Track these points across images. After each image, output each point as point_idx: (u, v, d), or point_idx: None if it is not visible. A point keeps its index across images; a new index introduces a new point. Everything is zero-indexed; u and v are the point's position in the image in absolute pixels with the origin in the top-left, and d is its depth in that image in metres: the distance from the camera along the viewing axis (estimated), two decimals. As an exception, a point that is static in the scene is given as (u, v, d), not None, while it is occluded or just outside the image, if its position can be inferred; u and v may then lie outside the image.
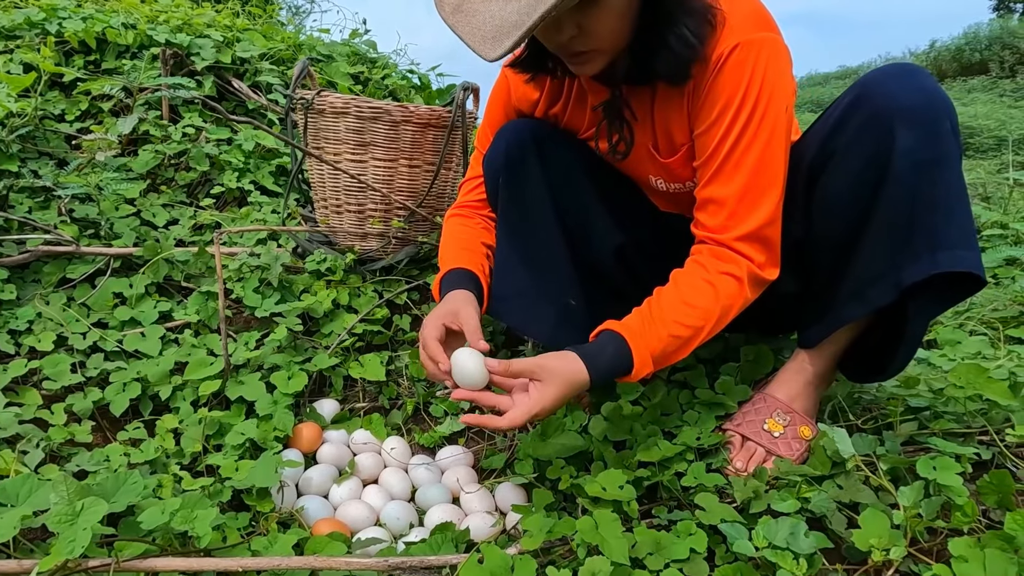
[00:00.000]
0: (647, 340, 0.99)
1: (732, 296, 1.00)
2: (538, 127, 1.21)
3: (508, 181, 1.19)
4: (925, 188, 0.94)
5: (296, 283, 1.58)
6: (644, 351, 0.99)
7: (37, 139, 1.84)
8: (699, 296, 1.00)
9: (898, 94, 0.95)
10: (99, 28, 2.12)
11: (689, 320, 1.00)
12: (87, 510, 0.80)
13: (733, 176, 0.99)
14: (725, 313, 1.01)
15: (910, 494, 0.88)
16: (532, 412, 0.95)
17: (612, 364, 0.99)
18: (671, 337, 1.00)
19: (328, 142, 1.58)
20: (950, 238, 0.94)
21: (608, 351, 0.99)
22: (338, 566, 0.90)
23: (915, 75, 0.96)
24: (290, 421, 1.27)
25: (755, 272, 1.00)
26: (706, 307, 1.00)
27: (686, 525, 0.92)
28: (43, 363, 1.30)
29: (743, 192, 0.99)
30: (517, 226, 1.21)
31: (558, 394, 0.96)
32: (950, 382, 1.05)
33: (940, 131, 0.93)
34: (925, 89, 0.94)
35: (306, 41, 2.54)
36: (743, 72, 0.96)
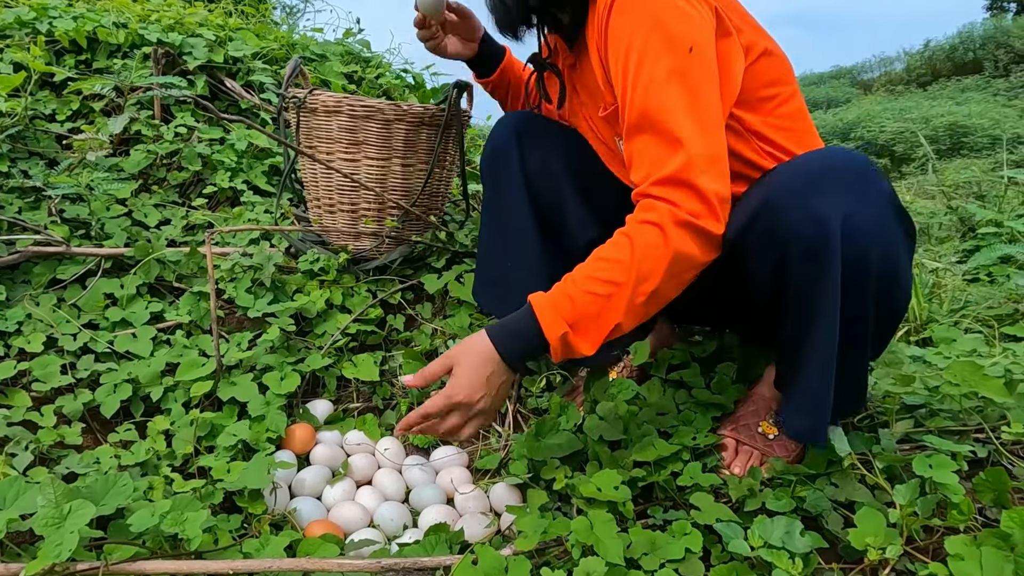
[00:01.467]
0: (555, 302, 0.92)
1: (652, 245, 0.89)
2: (521, 122, 1.27)
3: (491, 173, 1.29)
4: (804, 332, 0.93)
5: (289, 283, 1.57)
6: (551, 312, 0.91)
7: (27, 139, 1.83)
8: (612, 249, 0.92)
9: (792, 224, 0.88)
10: (90, 27, 2.10)
11: (602, 274, 0.90)
12: (75, 513, 0.79)
13: (639, 125, 0.93)
14: (651, 265, 0.89)
15: (906, 492, 0.88)
16: (446, 392, 0.93)
17: (517, 329, 0.93)
18: (585, 294, 0.90)
19: (321, 141, 1.56)
20: (796, 399, 0.96)
21: (515, 317, 0.94)
22: (331, 568, 0.89)
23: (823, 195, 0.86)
24: (283, 422, 1.26)
25: (682, 218, 0.88)
26: (619, 258, 0.90)
27: (681, 525, 0.92)
28: (32, 364, 1.29)
29: (650, 139, 0.92)
30: (496, 216, 1.30)
31: (468, 369, 0.93)
32: (946, 380, 1.04)
33: (821, 277, 0.87)
34: (819, 220, 0.85)
35: (299, 40, 2.52)
36: (627, 16, 0.93)
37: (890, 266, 0.88)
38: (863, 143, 8.10)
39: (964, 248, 2.90)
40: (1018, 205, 3.11)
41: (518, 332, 0.94)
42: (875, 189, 0.87)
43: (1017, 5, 17.68)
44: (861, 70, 17.61)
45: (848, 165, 0.88)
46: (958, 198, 3.93)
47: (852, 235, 0.85)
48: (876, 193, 0.87)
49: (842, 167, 0.88)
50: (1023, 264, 2.35)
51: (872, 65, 17.35)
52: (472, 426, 0.96)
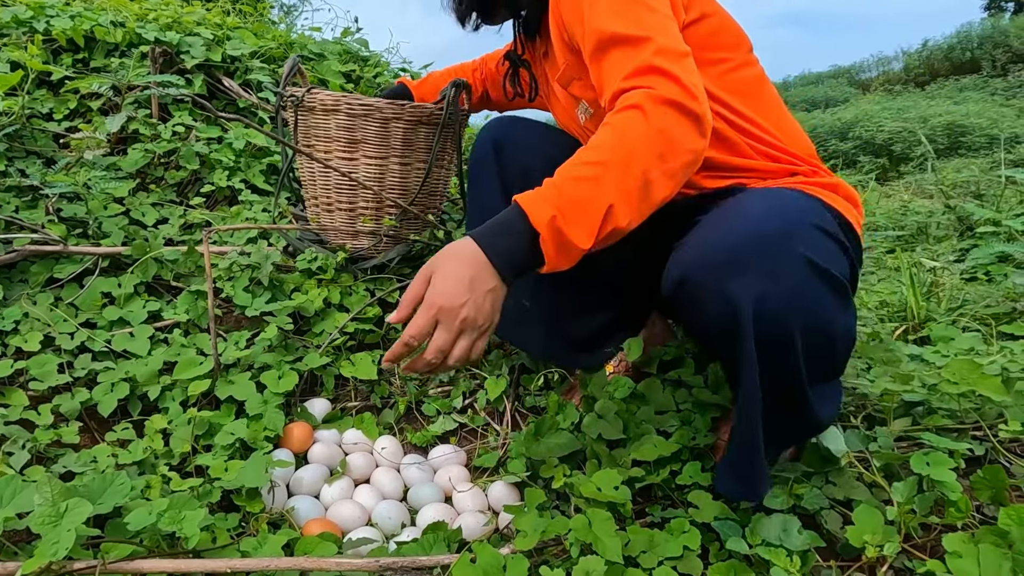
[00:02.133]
0: (540, 192, 0.84)
1: (632, 122, 0.83)
2: (500, 130, 1.29)
3: (471, 183, 1.31)
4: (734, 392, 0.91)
5: (287, 282, 1.57)
6: (536, 200, 0.83)
7: (24, 138, 1.82)
8: (593, 139, 0.86)
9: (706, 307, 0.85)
10: (87, 26, 2.09)
11: (586, 157, 0.84)
12: (71, 511, 0.78)
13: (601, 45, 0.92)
14: (635, 140, 0.82)
15: (904, 490, 0.88)
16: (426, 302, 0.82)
17: (501, 221, 0.84)
18: (569, 179, 0.83)
19: (319, 140, 1.56)
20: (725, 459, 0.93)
21: (501, 217, 0.85)
22: (328, 567, 0.89)
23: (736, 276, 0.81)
24: (280, 421, 1.26)
25: (661, 96, 0.83)
26: (603, 142, 0.84)
27: (679, 523, 0.92)
28: (29, 363, 1.29)
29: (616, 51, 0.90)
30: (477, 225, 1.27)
31: (447, 272, 0.82)
32: (944, 378, 1.04)
33: (739, 358, 0.84)
34: (725, 307, 0.82)
35: (297, 39, 2.52)
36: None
37: (819, 328, 0.85)
38: (861, 142, 8.11)
39: (962, 247, 2.90)
40: (1016, 204, 3.12)
41: (504, 226, 0.84)
42: (791, 259, 0.82)
43: (1015, 5, 17.71)
44: (859, 70, 17.62)
45: (762, 234, 0.83)
46: (956, 197, 3.93)
47: (768, 316, 0.81)
48: (792, 264, 0.82)
49: (755, 238, 0.82)
50: (1021, 263, 2.35)
51: (870, 65, 17.37)
52: (463, 343, 0.83)
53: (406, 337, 0.82)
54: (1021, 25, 13.59)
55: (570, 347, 1.30)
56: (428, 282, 0.83)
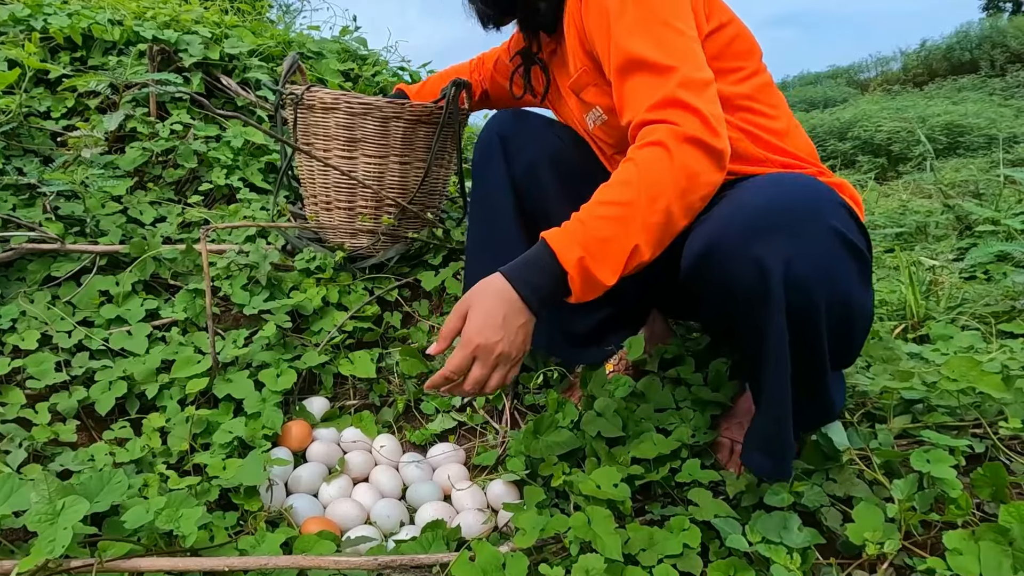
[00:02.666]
0: (568, 229, 0.88)
1: (657, 160, 0.87)
2: (506, 123, 1.29)
3: (476, 177, 1.31)
4: (754, 372, 0.92)
5: (285, 280, 1.56)
6: (564, 239, 0.87)
7: (22, 136, 1.82)
8: (617, 175, 0.90)
9: (735, 272, 0.85)
10: (85, 24, 2.09)
11: (611, 196, 0.88)
12: (68, 509, 0.78)
13: (626, 67, 0.93)
14: (659, 179, 0.86)
15: (904, 487, 0.88)
16: (463, 341, 0.88)
17: (530, 259, 0.90)
18: (596, 219, 0.87)
19: (318, 138, 1.56)
20: (753, 435, 0.95)
21: (531, 256, 0.90)
22: (327, 565, 0.89)
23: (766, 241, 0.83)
24: (279, 419, 1.26)
25: (684, 133, 0.87)
26: (626, 180, 0.87)
27: (679, 520, 0.91)
28: (27, 362, 1.28)
29: (640, 76, 0.92)
30: (482, 217, 1.31)
31: (481, 310, 0.88)
32: (944, 375, 1.04)
33: (767, 325, 0.85)
34: (756, 270, 0.83)
35: (296, 38, 2.52)
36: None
37: (841, 298, 0.86)
38: (860, 142, 8.12)
39: (961, 246, 2.91)
40: (1015, 203, 3.12)
41: (533, 265, 0.89)
42: (820, 227, 0.84)
43: (1013, 5, 17.74)
44: (858, 70, 17.64)
45: (791, 201, 0.85)
46: (955, 197, 3.94)
47: (795, 281, 0.82)
48: (820, 231, 0.84)
49: (785, 204, 0.85)
50: (1020, 261, 2.35)
51: (869, 65, 17.39)
52: (498, 375, 0.90)
53: (447, 372, 0.89)
54: (1019, 25, 13.61)
55: (570, 342, 1.30)
56: (464, 318, 0.89)
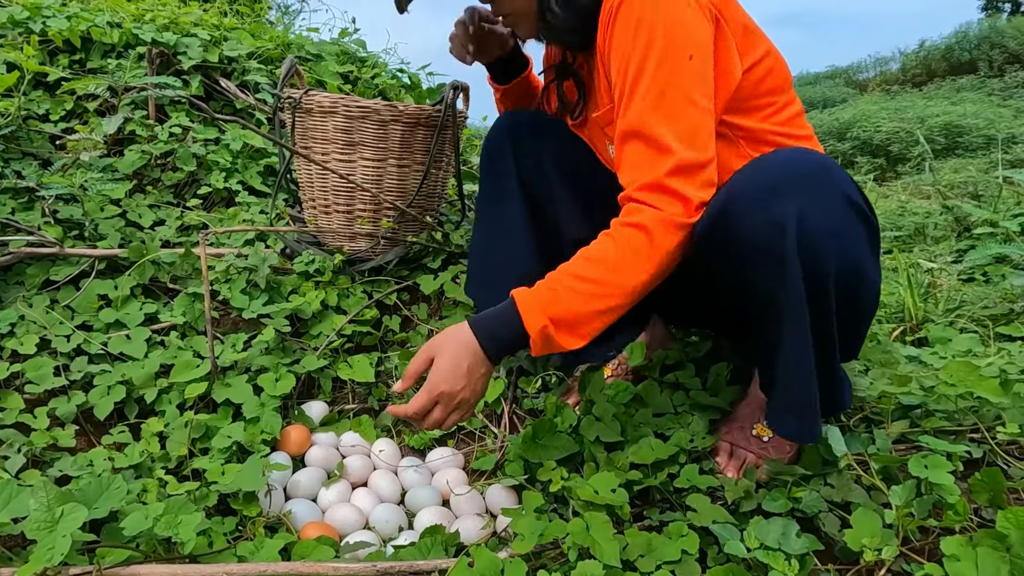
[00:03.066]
0: (539, 296, 0.94)
1: (637, 246, 0.92)
2: (517, 120, 1.29)
3: (485, 173, 1.31)
4: (771, 333, 0.93)
5: (284, 284, 1.56)
6: (533, 305, 0.93)
7: (21, 139, 1.82)
8: (597, 249, 0.95)
9: (746, 229, 0.88)
10: (84, 27, 2.09)
11: (586, 272, 0.93)
12: (67, 516, 0.78)
13: (634, 130, 0.95)
14: (635, 264, 0.92)
15: (902, 493, 0.88)
16: (427, 386, 0.95)
17: (498, 318, 0.95)
18: (567, 291, 0.93)
19: (316, 141, 1.56)
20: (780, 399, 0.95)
21: (497, 309, 0.96)
22: (325, 571, 0.89)
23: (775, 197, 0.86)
24: (278, 423, 1.25)
25: (668, 219, 0.92)
26: (604, 257, 0.93)
27: (678, 526, 0.91)
28: (25, 366, 1.28)
29: (640, 145, 0.95)
30: (490, 216, 1.32)
31: (448, 359, 0.94)
32: (941, 380, 1.04)
33: (782, 277, 0.86)
34: (773, 222, 0.85)
35: (295, 40, 2.52)
36: (630, 21, 0.95)
37: (851, 264, 0.88)
38: (859, 143, 8.12)
39: (959, 248, 2.91)
40: (1013, 205, 3.12)
41: (500, 323, 0.95)
42: (833, 190, 0.87)
43: (1012, 5, 17.75)
44: (857, 70, 17.66)
45: (806, 166, 0.88)
46: (954, 198, 3.94)
47: (808, 237, 0.84)
48: (833, 194, 0.87)
49: (799, 169, 0.88)
50: (1018, 263, 2.35)
51: (868, 65, 17.42)
52: (454, 416, 0.97)
53: (410, 411, 0.96)
54: (1018, 26, 13.63)
55: None
56: (428, 362, 0.96)
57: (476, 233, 1.35)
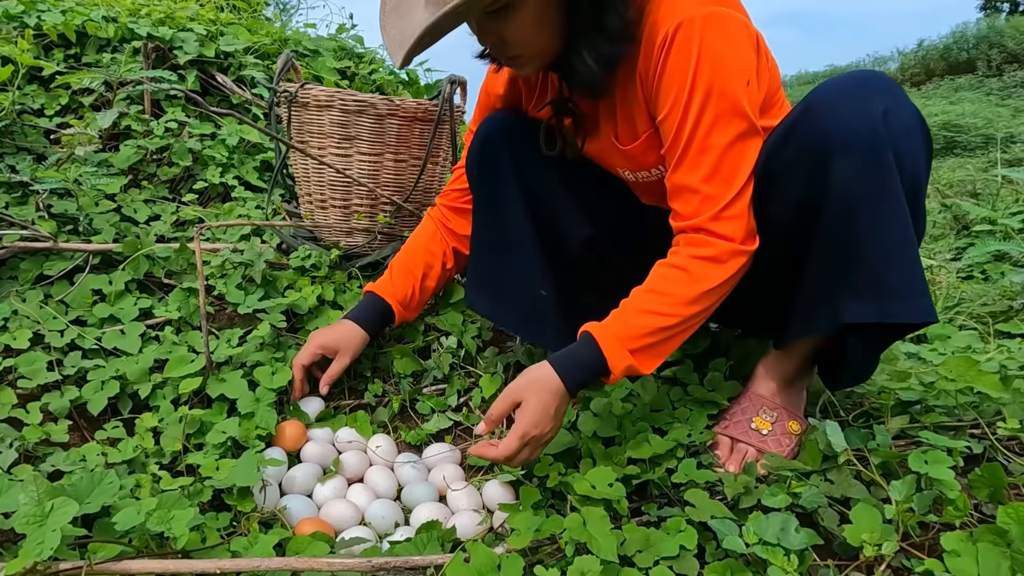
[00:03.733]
0: (618, 333, 0.98)
1: (710, 278, 0.97)
2: (511, 120, 1.24)
3: (481, 173, 1.25)
4: (864, 225, 0.91)
5: (280, 279, 1.55)
6: (615, 344, 0.97)
7: (15, 134, 1.80)
8: (670, 283, 0.99)
9: (838, 118, 0.90)
10: (79, 21, 2.08)
11: (661, 308, 0.97)
12: (57, 511, 0.77)
13: (699, 161, 0.97)
14: (705, 295, 0.97)
15: (902, 488, 0.87)
16: (519, 432, 0.98)
17: (582, 361, 0.99)
18: (645, 328, 0.97)
19: (312, 136, 1.55)
20: (896, 286, 0.91)
21: (578, 350, 1.00)
22: (320, 567, 0.88)
23: (865, 93, 0.90)
24: (273, 419, 1.24)
25: (736, 249, 0.97)
26: (678, 293, 0.97)
27: (676, 522, 0.91)
28: (18, 361, 1.27)
29: (711, 174, 0.96)
30: (489, 217, 1.27)
31: (537, 404, 0.98)
32: (942, 375, 1.04)
33: (880, 162, 0.88)
34: (868, 113, 0.88)
35: (292, 36, 2.51)
36: (689, 52, 0.93)
37: (918, 172, 0.91)
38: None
39: (958, 245, 2.90)
40: (1012, 203, 3.12)
41: (583, 365, 0.99)
42: (906, 97, 0.91)
43: (1010, 5, 17.76)
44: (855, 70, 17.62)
45: (880, 76, 0.93)
46: (952, 196, 3.94)
47: (892, 129, 0.87)
48: (908, 100, 0.91)
49: (875, 77, 0.93)
50: (1018, 261, 2.35)
51: (866, 64, 17.40)
52: (539, 451, 1.03)
53: (501, 458, 0.99)
54: (1016, 25, 13.63)
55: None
56: (513, 406, 1.00)
57: (475, 240, 1.30)
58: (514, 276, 1.25)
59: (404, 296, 1.37)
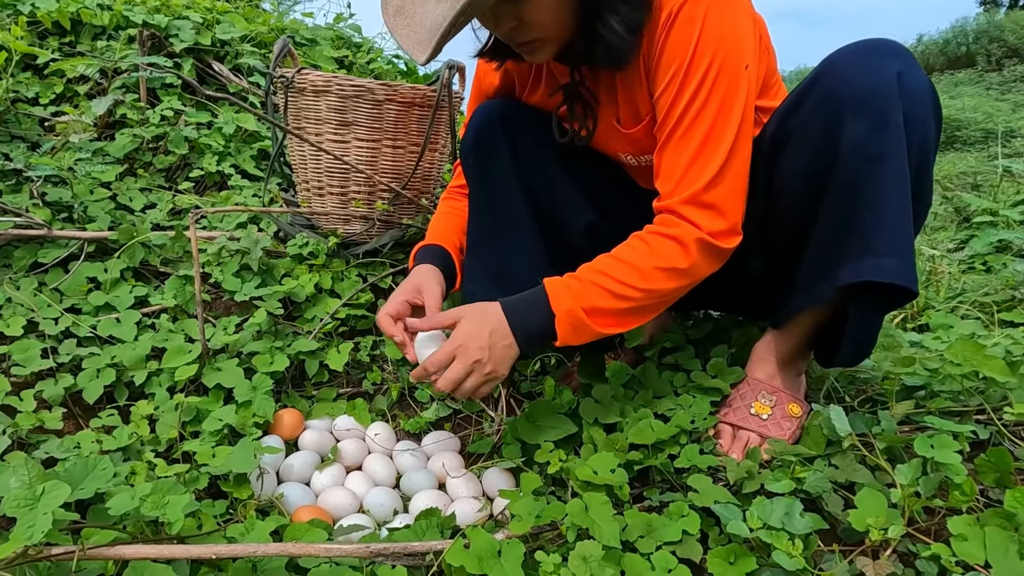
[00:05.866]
0: (570, 288, 0.96)
1: (670, 258, 0.95)
2: (507, 107, 1.21)
3: (477, 162, 1.22)
4: (865, 185, 0.90)
5: (277, 267, 1.54)
6: (565, 296, 0.95)
7: (9, 122, 1.78)
8: (630, 252, 0.97)
9: (852, 79, 0.90)
10: (73, 8, 2.05)
11: (618, 274, 0.95)
12: (48, 494, 0.75)
13: (684, 141, 0.95)
14: (665, 274, 0.95)
15: (908, 472, 0.86)
16: (451, 343, 0.96)
17: (529, 305, 0.97)
18: (597, 287, 0.95)
19: (309, 122, 1.53)
20: (879, 244, 0.90)
21: (527, 295, 0.99)
22: (317, 553, 0.86)
23: (880, 56, 0.90)
24: (270, 406, 1.23)
25: (704, 239, 0.94)
26: (636, 264, 0.95)
27: (678, 507, 0.89)
28: (11, 348, 1.25)
29: (693, 157, 0.94)
30: (486, 205, 1.23)
31: (472, 322, 0.96)
32: (947, 359, 1.02)
33: (889, 123, 0.87)
34: (882, 75, 0.88)
35: (289, 24, 2.48)
36: (691, 30, 0.92)
37: (927, 137, 0.91)
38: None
39: (959, 237, 2.89)
40: (1013, 195, 3.10)
41: (527, 301, 0.97)
42: (918, 65, 0.91)
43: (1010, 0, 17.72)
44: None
45: (894, 42, 0.92)
46: (954, 188, 3.93)
47: (904, 92, 0.87)
48: (919, 67, 0.91)
49: (889, 43, 0.92)
50: (1020, 250, 2.34)
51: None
52: (472, 380, 0.96)
53: (428, 364, 0.97)
54: (1016, 20, 13.60)
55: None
56: (454, 321, 0.98)
57: (472, 229, 1.26)
58: (514, 263, 1.23)
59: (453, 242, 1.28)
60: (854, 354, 1.02)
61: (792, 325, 1.07)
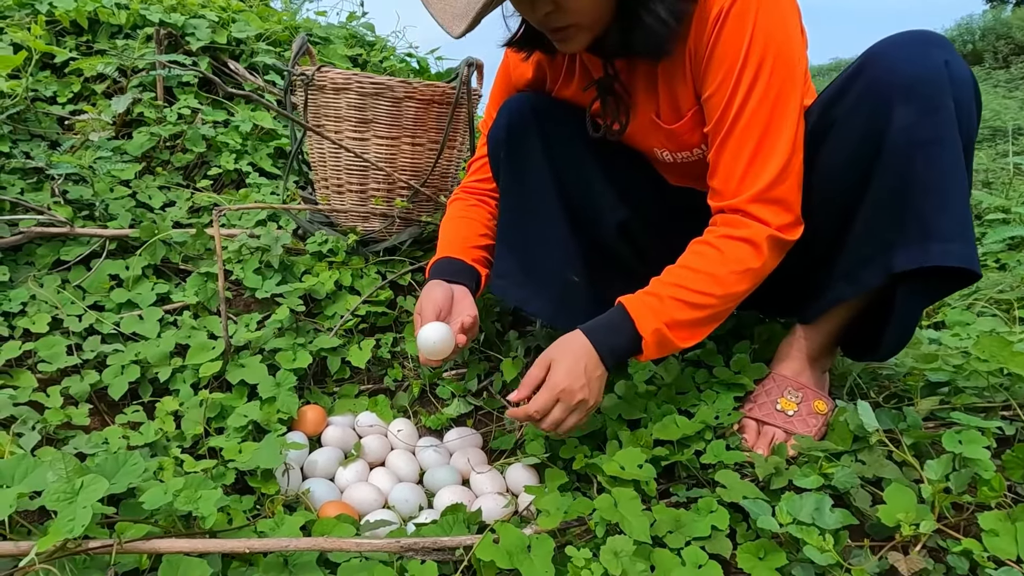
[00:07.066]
0: (647, 303, 0.97)
1: (744, 260, 0.96)
2: (539, 101, 1.20)
3: (509, 156, 1.19)
4: (920, 170, 0.89)
5: (297, 265, 1.55)
6: (644, 311, 0.96)
7: (28, 121, 1.80)
8: (703, 261, 0.98)
9: (900, 66, 0.90)
10: (91, 8, 2.07)
11: (695, 284, 0.96)
12: (87, 488, 0.76)
13: (743, 140, 0.95)
14: (739, 276, 0.96)
15: (937, 468, 0.86)
16: (548, 385, 0.96)
17: (611, 323, 0.98)
18: (677, 301, 0.96)
19: (329, 119, 1.54)
20: (943, 229, 0.89)
21: (608, 317, 0.99)
22: (349, 547, 0.87)
23: (925, 45, 0.90)
24: (294, 403, 1.24)
25: (774, 235, 0.96)
26: (712, 271, 0.96)
27: (707, 502, 0.90)
28: (38, 345, 1.26)
29: (754, 154, 0.95)
30: (518, 201, 1.21)
31: (566, 361, 0.96)
32: (973, 355, 1.02)
33: (940, 108, 0.88)
34: (930, 62, 0.89)
35: (303, 23, 2.49)
36: (743, 28, 0.92)
37: (972, 125, 0.91)
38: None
39: (972, 234, 2.88)
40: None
41: (612, 327, 0.98)
42: (959, 55, 0.91)
43: (1017, -4, 17.60)
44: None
45: (936, 33, 0.93)
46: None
47: (953, 79, 0.88)
48: (961, 57, 0.91)
49: (932, 33, 0.92)
50: (1035, 247, 2.33)
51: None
52: (573, 419, 0.98)
53: (531, 410, 0.97)
54: (1022, 17, 13.52)
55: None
56: (546, 368, 0.98)
57: (503, 226, 1.23)
58: (546, 263, 1.20)
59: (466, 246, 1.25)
60: (896, 344, 1.01)
61: (824, 320, 1.07)
